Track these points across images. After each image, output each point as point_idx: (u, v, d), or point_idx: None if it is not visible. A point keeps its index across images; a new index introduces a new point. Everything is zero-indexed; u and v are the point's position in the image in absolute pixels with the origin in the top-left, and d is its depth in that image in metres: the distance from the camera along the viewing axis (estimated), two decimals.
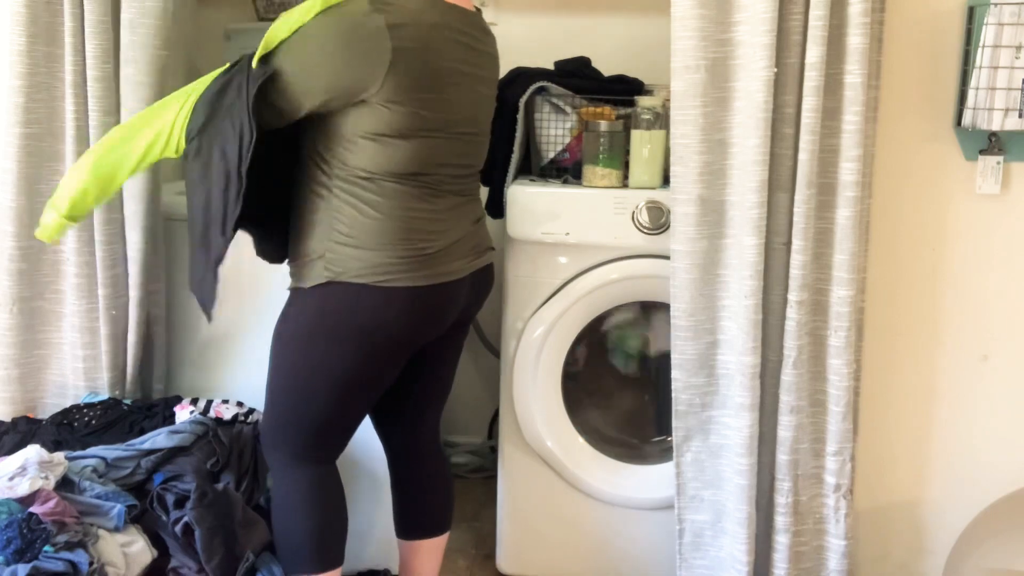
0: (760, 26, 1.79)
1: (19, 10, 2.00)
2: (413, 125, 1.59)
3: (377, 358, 1.70)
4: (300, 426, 1.73)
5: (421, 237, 1.65)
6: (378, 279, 1.62)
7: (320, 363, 1.67)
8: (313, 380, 1.69)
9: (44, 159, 2.08)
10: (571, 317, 2.15)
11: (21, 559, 1.54)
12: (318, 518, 1.75)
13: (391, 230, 1.62)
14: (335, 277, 1.62)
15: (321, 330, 1.66)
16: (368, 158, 1.60)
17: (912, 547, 2.12)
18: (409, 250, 1.64)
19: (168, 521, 1.74)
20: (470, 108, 1.71)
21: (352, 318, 1.64)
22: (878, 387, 2.05)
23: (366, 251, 1.62)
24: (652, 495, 2.19)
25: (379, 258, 1.62)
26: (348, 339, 1.65)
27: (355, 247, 1.62)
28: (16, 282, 2.10)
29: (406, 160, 1.61)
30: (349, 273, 1.62)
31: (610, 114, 2.15)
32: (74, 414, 2.03)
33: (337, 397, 1.71)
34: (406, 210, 1.63)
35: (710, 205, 1.91)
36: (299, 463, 1.75)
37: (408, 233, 1.64)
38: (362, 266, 1.62)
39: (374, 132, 1.58)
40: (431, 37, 1.60)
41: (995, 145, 1.95)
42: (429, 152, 1.63)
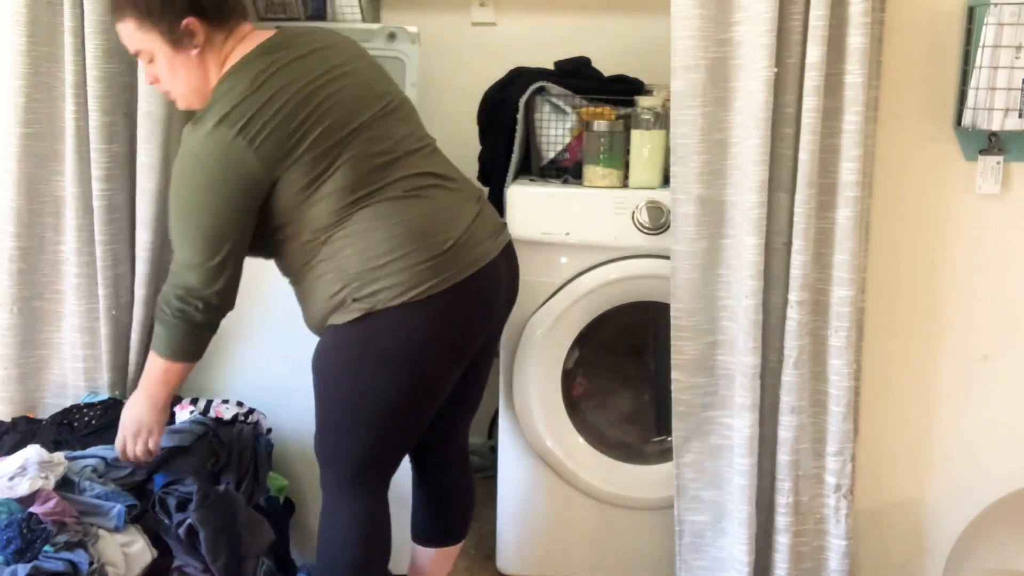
0: (760, 26, 1.79)
1: (19, 10, 2.00)
2: (322, 153, 1.55)
3: (433, 374, 1.65)
4: (353, 455, 1.69)
5: (433, 233, 1.60)
6: (413, 294, 1.56)
7: (373, 394, 1.63)
8: (366, 412, 1.65)
9: (44, 159, 2.08)
10: (571, 317, 2.15)
11: (21, 559, 1.54)
12: (360, 549, 1.72)
13: (398, 237, 1.57)
14: (370, 309, 1.58)
15: (371, 362, 1.61)
16: (321, 210, 1.57)
17: (912, 547, 2.12)
18: (427, 252, 1.58)
19: (171, 524, 1.74)
20: (350, 94, 1.63)
21: (401, 343, 1.60)
22: (878, 387, 2.05)
23: (385, 271, 1.57)
24: (652, 495, 2.19)
25: (401, 274, 1.56)
26: (400, 364, 1.61)
27: (373, 272, 1.57)
28: (16, 282, 2.10)
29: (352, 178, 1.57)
30: (381, 302, 1.57)
31: (610, 114, 2.15)
32: (74, 414, 2.03)
33: (393, 424, 1.67)
34: (401, 213, 1.59)
35: (710, 205, 1.91)
36: (352, 488, 1.72)
37: (418, 234, 1.58)
38: (390, 288, 1.56)
39: (301, 195, 1.56)
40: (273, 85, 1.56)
41: (995, 145, 1.95)
42: (363, 154, 1.59)
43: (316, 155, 1.55)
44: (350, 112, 1.60)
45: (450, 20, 2.68)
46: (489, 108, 2.31)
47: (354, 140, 1.58)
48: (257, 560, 1.82)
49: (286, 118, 1.54)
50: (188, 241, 1.59)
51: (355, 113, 1.61)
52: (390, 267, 1.57)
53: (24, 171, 2.06)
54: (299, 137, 1.55)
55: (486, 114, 2.33)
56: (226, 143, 1.52)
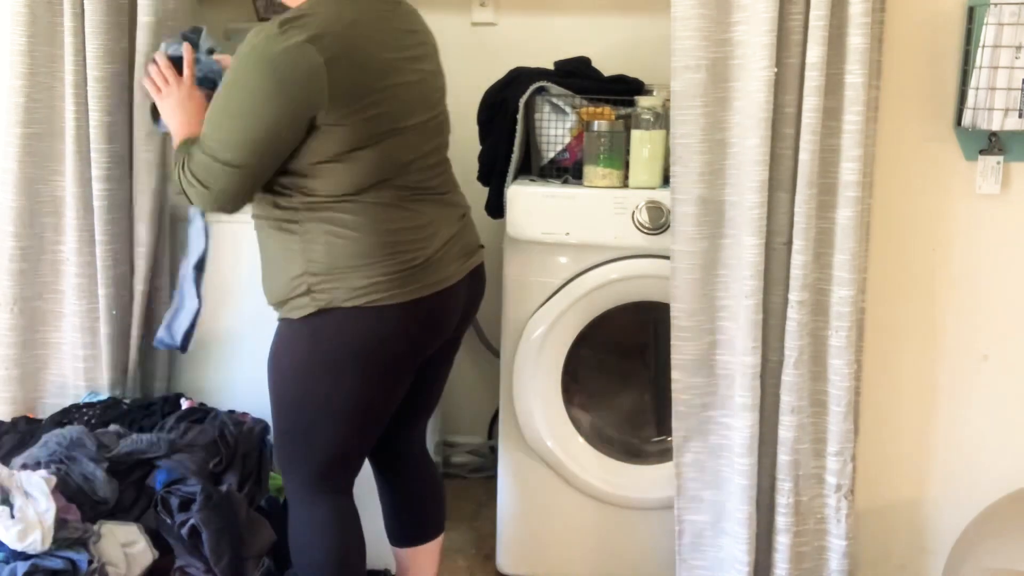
0: (760, 26, 1.79)
1: (19, 10, 2.00)
2: (367, 133, 1.54)
3: (383, 379, 1.64)
4: (313, 458, 1.68)
5: (406, 248, 1.59)
6: (370, 299, 1.56)
7: (324, 396, 1.62)
8: (320, 414, 1.64)
9: (44, 159, 2.08)
10: (571, 317, 2.15)
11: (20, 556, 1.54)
12: (336, 553, 1.70)
13: (372, 247, 1.56)
14: (325, 305, 1.57)
15: (319, 361, 1.61)
16: (332, 181, 1.55)
17: (912, 547, 2.12)
18: (396, 264, 1.58)
19: (173, 524, 1.74)
20: (416, 93, 1.64)
21: (349, 344, 1.59)
22: (879, 387, 2.05)
23: (350, 274, 1.56)
24: (652, 495, 2.19)
25: (365, 279, 1.56)
26: (349, 367, 1.60)
27: (338, 272, 1.56)
28: (16, 282, 2.10)
29: (369, 171, 1.56)
30: (337, 299, 1.56)
31: (610, 114, 2.15)
32: (74, 414, 2.03)
33: (347, 426, 1.66)
34: (384, 223, 1.58)
35: (710, 205, 1.91)
36: (316, 493, 1.70)
37: (392, 247, 1.58)
38: (349, 289, 1.56)
39: (332, 154, 1.53)
40: (355, 36, 1.54)
41: (995, 145, 1.95)
42: (390, 154, 1.58)
43: (361, 130, 1.53)
44: (406, 110, 1.60)
45: (450, 20, 2.68)
46: (489, 108, 2.31)
47: (392, 138, 1.58)
48: (258, 560, 1.82)
49: (365, 77, 1.53)
50: (226, 137, 1.53)
51: (408, 114, 1.61)
52: (355, 272, 1.56)
53: (24, 171, 2.07)
54: (365, 103, 1.53)
55: (486, 114, 2.33)
56: (313, 64, 1.47)
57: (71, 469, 1.75)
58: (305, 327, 1.60)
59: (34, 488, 1.62)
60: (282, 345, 1.66)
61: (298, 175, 1.56)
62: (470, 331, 2.81)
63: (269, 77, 1.48)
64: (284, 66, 1.48)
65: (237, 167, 1.53)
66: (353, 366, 1.60)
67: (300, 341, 1.62)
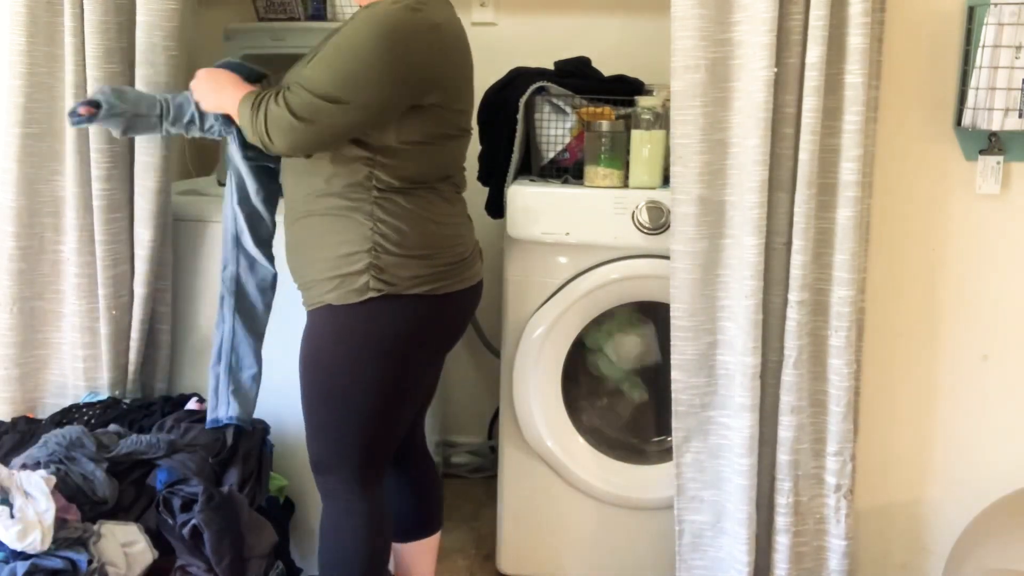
0: (760, 26, 1.79)
1: (19, 10, 2.00)
2: (454, 124, 1.64)
3: (425, 366, 1.73)
4: (352, 453, 1.69)
5: (457, 241, 1.69)
6: (428, 288, 1.62)
7: (373, 382, 1.65)
8: (367, 400, 1.66)
9: (44, 159, 2.08)
10: (571, 317, 2.15)
11: (20, 556, 1.54)
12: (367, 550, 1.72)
13: (434, 237, 1.64)
14: (388, 291, 1.59)
15: (374, 348, 1.63)
16: (412, 166, 1.60)
17: (912, 547, 2.12)
18: (452, 255, 1.66)
19: (175, 524, 1.74)
20: (471, 106, 1.74)
21: (410, 330, 1.64)
22: (878, 387, 2.05)
23: (415, 260, 1.61)
24: (652, 495, 2.19)
25: (426, 267, 1.62)
26: (401, 353, 1.65)
27: (404, 257, 1.60)
28: (16, 282, 2.10)
29: (442, 164, 1.65)
30: (402, 285, 1.60)
31: (610, 114, 2.16)
32: (74, 414, 2.03)
33: (390, 413, 1.69)
34: (443, 215, 1.66)
35: (710, 205, 1.91)
36: (354, 490, 1.71)
37: (446, 239, 1.66)
38: (414, 276, 1.61)
39: (423, 137, 1.59)
40: (456, 34, 1.65)
41: (995, 145, 1.95)
42: (457, 154, 1.69)
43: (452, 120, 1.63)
44: (469, 114, 1.72)
45: None
46: (489, 108, 2.32)
47: (462, 138, 1.70)
48: (261, 561, 1.82)
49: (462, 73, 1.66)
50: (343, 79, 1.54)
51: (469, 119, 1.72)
52: (420, 259, 1.61)
53: (24, 171, 2.06)
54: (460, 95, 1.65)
55: (486, 114, 2.33)
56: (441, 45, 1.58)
57: (71, 469, 1.75)
58: (362, 312, 1.60)
59: (34, 488, 1.62)
60: (326, 333, 1.65)
61: (384, 154, 1.59)
62: (470, 331, 2.82)
63: (398, 41, 1.53)
64: (414, 36, 1.54)
65: (342, 104, 1.52)
66: (405, 353, 1.65)
67: (355, 327, 1.62)
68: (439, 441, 2.75)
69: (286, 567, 1.97)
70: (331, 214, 1.63)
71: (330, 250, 1.63)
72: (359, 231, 1.60)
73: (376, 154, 1.59)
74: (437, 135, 1.62)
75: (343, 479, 1.72)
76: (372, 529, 1.73)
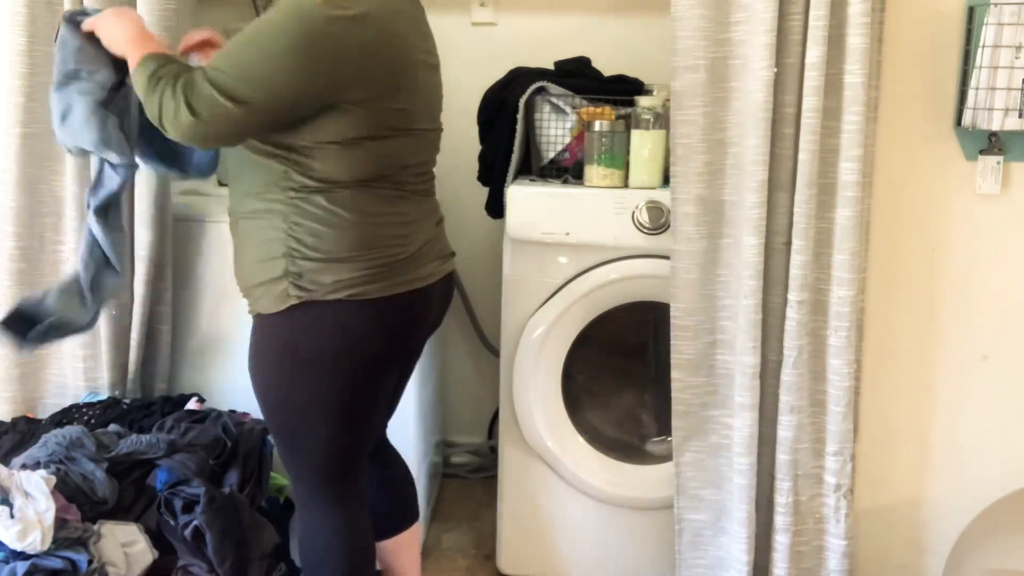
0: (760, 26, 1.79)
1: (19, 10, 2.01)
2: (383, 124, 1.50)
3: (365, 376, 1.59)
4: (310, 462, 1.64)
5: (391, 243, 1.56)
6: (352, 292, 1.51)
7: (308, 395, 1.57)
8: (306, 414, 1.59)
9: (44, 159, 2.08)
10: (571, 317, 2.15)
11: (20, 556, 1.54)
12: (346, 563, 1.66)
13: (361, 239, 1.52)
14: (307, 297, 1.51)
15: (300, 358, 1.55)
16: (332, 166, 1.49)
17: (912, 547, 2.12)
18: (381, 258, 1.54)
19: (177, 525, 1.74)
20: (429, 101, 1.62)
21: (330, 340, 1.54)
22: (878, 387, 2.05)
23: (337, 264, 1.51)
24: (652, 495, 2.19)
25: (351, 271, 1.51)
26: (331, 364, 1.55)
27: (324, 262, 1.51)
28: (16, 282, 2.10)
29: (372, 164, 1.52)
30: (321, 291, 1.51)
31: (610, 114, 2.16)
32: (74, 414, 2.03)
33: (336, 426, 1.61)
34: (374, 216, 1.54)
35: (710, 205, 1.91)
36: (322, 500, 1.66)
37: (378, 240, 1.54)
38: (334, 281, 1.51)
39: (341, 137, 1.48)
40: (395, 24, 1.51)
41: (995, 145, 1.95)
42: (394, 153, 1.55)
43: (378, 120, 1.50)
44: (419, 114, 1.59)
45: (450, 20, 2.68)
46: (489, 108, 2.32)
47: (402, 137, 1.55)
48: (263, 562, 1.82)
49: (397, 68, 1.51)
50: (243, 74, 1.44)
51: (420, 118, 1.59)
52: (340, 264, 1.51)
53: (24, 171, 2.07)
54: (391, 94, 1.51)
55: (486, 114, 2.33)
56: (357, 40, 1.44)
57: (70, 469, 1.75)
58: (284, 321, 1.54)
59: (34, 488, 1.62)
60: (260, 343, 1.59)
61: (299, 152, 1.50)
62: (470, 331, 2.82)
63: (308, 38, 1.43)
64: (326, 33, 1.43)
65: (244, 104, 1.43)
66: (335, 363, 1.55)
67: (279, 337, 1.56)
68: (439, 441, 2.75)
69: (292, 569, 1.97)
70: (253, 217, 1.56)
71: (253, 255, 1.56)
72: (275, 234, 1.52)
73: (291, 153, 1.50)
74: (360, 136, 1.49)
75: (310, 492, 1.67)
76: (347, 544, 1.67)
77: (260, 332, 1.59)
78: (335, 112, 1.47)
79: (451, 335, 2.87)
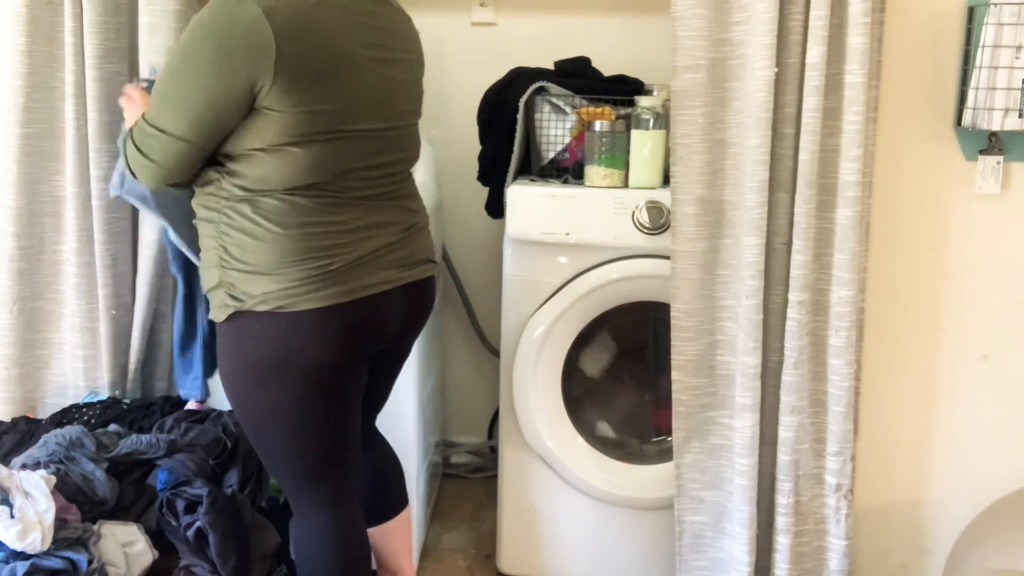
0: (760, 26, 1.79)
1: (19, 10, 2.01)
2: (308, 128, 1.44)
3: (318, 384, 1.54)
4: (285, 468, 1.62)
5: (323, 254, 1.49)
6: (280, 304, 1.47)
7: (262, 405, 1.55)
8: (266, 424, 1.57)
9: (44, 159, 2.08)
10: (571, 317, 2.15)
11: (20, 556, 1.54)
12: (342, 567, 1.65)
13: (287, 251, 1.47)
14: (239, 307, 1.49)
15: (242, 369, 1.53)
16: (257, 173, 1.46)
17: (912, 547, 2.12)
18: (310, 269, 1.48)
19: (179, 526, 1.74)
20: (375, 98, 1.53)
21: (268, 350, 1.50)
22: (878, 387, 2.05)
23: (263, 276, 1.47)
24: (652, 495, 2.19)
25: (277, 283, 1.47)
26: (272, 375, 1.51)
27: (251, 273, 1.48)
28: (16, 282, 2.10)
29: (302, 170, 1.46)
30: (251, 302, 1.48)
31: (610, 114, 2.16)
32: (73, 414, 2.03)
33: (299, 435, 1.57)
34: (303, 227, 1.48)
35: (710, 205, 1.91)
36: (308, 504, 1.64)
37: (307, 251, 1.48)
38: (263, 293, 1.47)
39: (264, 143, 1.44)
40: (316, 18, 1.44)
41: (995, 145, 1.95)
42: (328, 158, 1.47)
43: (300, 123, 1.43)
44: (357, 113, 1.50)
45: (450, 20, 2.68)
46: (489, 108, 2.32)
47: (335, 141, 1.48)
48: (264, 563, 1.82)
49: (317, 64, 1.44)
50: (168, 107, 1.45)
51: (359, 117, 1.51)
52: (268, 275, 1.48)
53: (24, 171, 2.07)
54: (311, 94, 1.43)
55: (486, 114, 2.33)
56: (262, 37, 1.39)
57: (70, 469, 1.75)
58: (230, 330, 1.53)
59: (34, 488, 1.62)
60: (219, 350, 1.58)
61: (230, 159, 1.47)
62: (470, 331, 2.82)
63: (215, 47, 1.40)
64: (231, 36, 1.39)
65: (178, 138, 1.44)
66: (277, 372, 1.51)
67: (229, 345, 1.55)
68: (439, 441, 2.75)
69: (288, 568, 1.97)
70: (199, 223, 1.56)
71: (204, 260, 1.56)
72: (211, 243, 1.52)
73: (225, 160, 1.48)
74: (285, 142, 1.43)
75: (294, 495, 1.66)
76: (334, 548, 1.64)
77: (218, 339, 1.59)
78: (258, 117, 1.44)
79: (451, 335, 2.87)
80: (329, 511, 1.65)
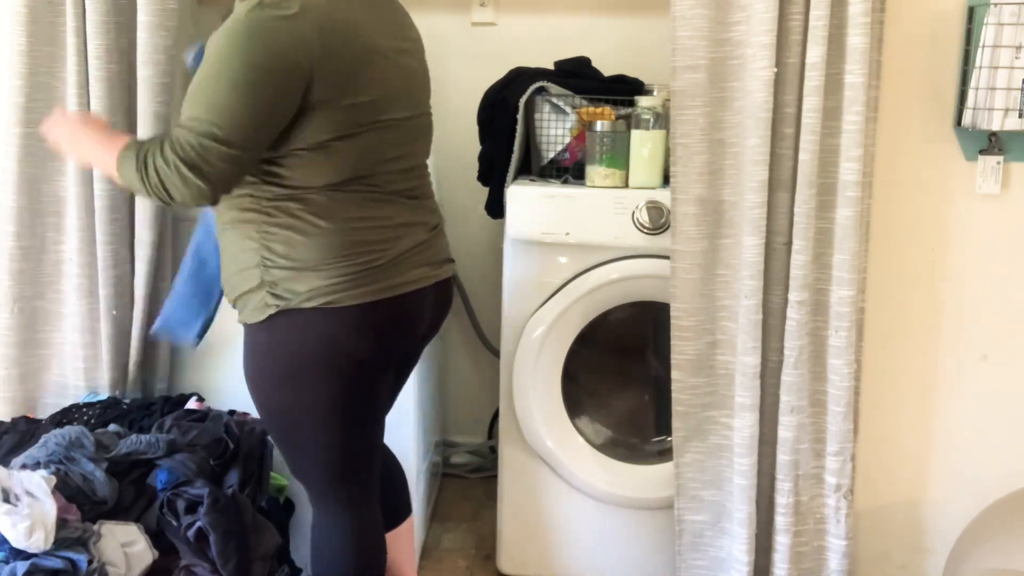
0: (760, 26, 1.79)
1: (19, 10, 2.01)
2: (350, 121, 1.46)
3: (352, 383, 1.56)
4: (312, 467, 1.63)
5: (368, 249, 1.52)
6: (327, 300, 1.48)
7: (298, 404, 1.56)
8: (301, 423, 1.58)
9: (44, 159, 2.08)
10: (571, 317, 2.15)
11: (20, 556, 1.54)
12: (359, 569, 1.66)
13: (334, 245, 1.49)
14: (284, 306, 1.49)
15: (283, 368, 1.53)
16: (302, 172, 1.47)
17: (912, 547, 2.12)
18: (356, 265, 1.50)
19: (180, 526, 1.74)
20: (403, 86, 1.56)
21: (313, 348, 1.51)
22: (878, 387, 2.05)
23: (310, 272, 1.48)
24: (652, 495, 2.19)
25: (324, 278, 1.48)
26: (313, 373, 1.53)
27: (297, 270, 1.49)
28: (17, 282, 2.10)
29: (343, 166, 1.48)
30: (296, 299, 1.49)
31: (610, 114, 2.16)
32: (74, 414, 2.04)
33: (331, 434, 1.59)
34: (348, 222, 1.50)
35: (710, 205, 1.91)
36: (332, 504, 1.65)
37: (353, 246, 1.50)
38: (308, 290, 1.48)
39: (307, 143, 1.45)
40: (347, 12, 1.46)
41: (995, 145, 1.95)
42: (368, 150, 1.50)
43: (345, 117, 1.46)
44: (391, 102, 1.52)
45: (450, 20, 2.69)
46: (489, 108, 2.32)
47: (374, 131, 1.50)
48: (265, 563, 1.82)
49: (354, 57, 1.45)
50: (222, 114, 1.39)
51: (393, 107, 1.53)
52: (315, 271, 1.49)
53: (25, 171, 2.07)
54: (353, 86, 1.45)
55: (486, 114, 2.33)
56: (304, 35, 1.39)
57: (70, 469, 1.75)
58: (268, 331, 1.52)
59: (34, 488, 1.62)
60: (251, 353, 1.58)
61: (270, 162, 1.47)
62: (470, 331, 2.82)
63: (260, 50, 1.39)
64: (274, 38, 1.39)
65: (238, 146, 1.40)
66: (320, 370, 1.53)
67: (267, 346, 1.54)
68: (439, 441, 2.75)
69: (289, 569, 1.97)
70: (231, 227, 1.54)
71: (234, 265, 1.55)
72: (250, 244, 1.51)
73: (262, 163, 1.47)
74: (327, 138, 1.45)
75: (317, 496, 1.67)
76: (355, 545, 1.66)
77: (249, 342, 1.58)
78: (303, 115, 1.44)
79: (451, 335, 2.87)
80: (355, 512, 1.67)
